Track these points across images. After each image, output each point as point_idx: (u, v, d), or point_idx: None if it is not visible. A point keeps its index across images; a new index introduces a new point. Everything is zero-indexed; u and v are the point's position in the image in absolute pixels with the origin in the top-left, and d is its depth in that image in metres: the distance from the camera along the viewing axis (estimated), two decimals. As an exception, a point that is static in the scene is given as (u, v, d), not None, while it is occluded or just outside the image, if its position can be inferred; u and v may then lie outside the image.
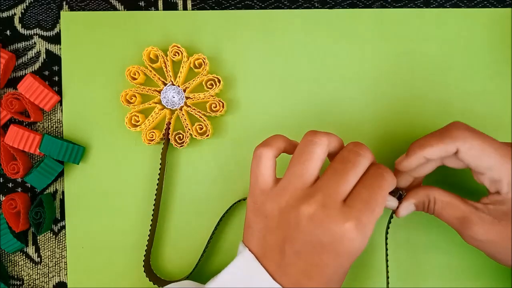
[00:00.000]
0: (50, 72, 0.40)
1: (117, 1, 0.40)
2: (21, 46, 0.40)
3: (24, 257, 0.39)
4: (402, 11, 0.39)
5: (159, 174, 0.37)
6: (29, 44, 0.40)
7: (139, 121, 0.38)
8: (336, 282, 0.29)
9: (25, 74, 0.40)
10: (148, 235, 0.37)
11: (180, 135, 0.38)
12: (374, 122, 0.39)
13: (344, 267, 0.29)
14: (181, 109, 0.38)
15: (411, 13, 0.39)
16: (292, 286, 0.28)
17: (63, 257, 0.39)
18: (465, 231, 0.31)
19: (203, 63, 0.37)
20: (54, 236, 0.39)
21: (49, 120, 0.40)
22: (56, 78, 0.40)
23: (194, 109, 0.38)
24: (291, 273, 0.29)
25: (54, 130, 0.40)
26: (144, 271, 0.37)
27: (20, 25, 0.40)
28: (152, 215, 0.37)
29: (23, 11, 0.40)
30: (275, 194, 0.30)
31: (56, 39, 0.40)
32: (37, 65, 0.40)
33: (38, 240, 0.39)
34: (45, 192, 0.39)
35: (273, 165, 0.31)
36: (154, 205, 0.37)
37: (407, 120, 0.39)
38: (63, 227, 0.39)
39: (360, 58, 0.39)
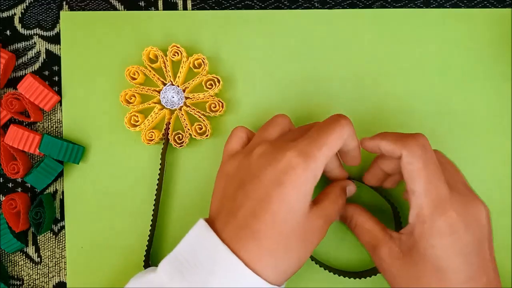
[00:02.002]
0: (50, 72, 0.40)
1: (117, 1, 0.40)
2: (21, 46, 0.40)
3: (24, 257, 0.39)
4: (402, 11, 0.39)
5: (158, 174, 0.37)
6: (29, 44, 0.40)
7: (138, 121, 0.38)
8: (282, 222, 0.28)
9: (25, 74, 0.40)
10: (148, 235, 0.37)
11: (180, 135, 0.38)
12: (374, 122, 0.39)
13: (290, 201, 0.28)
14: (180, 109, 0.38)
15: (411, 14, 0.39)
16: (240, 230, 0.28)
17: (63, 257, 0.39)
18: (372, 256, 0.32)
19: (202, 63, 0.37)
20: (54, 236, 0.39)
21: (49, 120, 0.40)
22: (56, 78, 0.40)
23: (193, 109, 0.38)
24: (240, 217, 0.28)
25: (54, 130, 0.40)
26: (143, 271, 0.37)
27: (20, 25, 0.40)
28: (152, 215, 0.37)
29: (23, 11, 0.40)
30: (237, 153, 0.32)
31: (56, 39, 0.40)
32: (37, 65, 0.40)
33: (38, 240, 0.39)
34: (45, 192, 0.39)
35: (243, 138, 0.33)
36: (154, 205, 0.37)
37: (406, 121, 0.38)
38: (63, 227, 0.39)
39: (360, 58, 0.39)
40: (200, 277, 0.28)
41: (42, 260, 0.39)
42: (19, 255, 0.39)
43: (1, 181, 0.40)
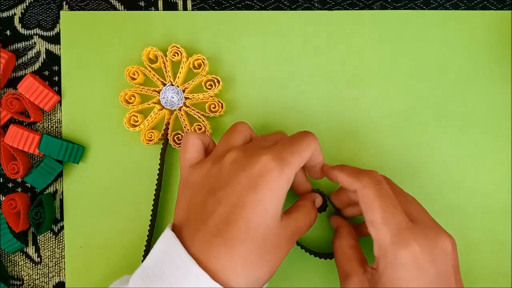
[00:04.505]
0: (50, 72, 0.40)
1: (117, 1, 0.40)
2: (21, 46, 0.40)
3: (24, 257, 0.39)
4: (402, 12, 0.39)
5: (158, 174, 0.37)
6: (29, 44, 0.40)
7: (138, 121, 0.38)
8: (256, 229, 0.27)
9: (25, 74, 0.40)
10: (147, 235, 0.37)
11: (179, 136, 0.38)
12: (373, 122, 0.38)
13: (264, 206, 0.28)
14: (180, 109, 0.38)
15: (411, 15, 0.39)
16: (211, 238, 0.27)
17: (63, 257, 0.39)
18: (341, 283, 0.32)
19: (202, 64, 0.37)
20: (54, 236, 0.39)
21: (49, 120, 0.40)
22: (56, 78, 0.40)
23: (193, 110, 0.38)
24: (211, 224, 0.28)
25: (54, 130, 0.40)
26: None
27: (20, 25, 0.40)
28: (151, 215, 0.37)
29: (23, 11, 0.40)
30: (202, 162, 0.31)
31: (56, 39, 0.40)
32: (37, 65, 0.40)
33: (38, 240, 0.39)
34: (45, 192, 0.39)
35: (200, 144, 0.33)
36: (153, 205, 0.37)
37: (406, 121, 0.38)
38: (63, 227, 0.39)
39: (359, 59, 0.39)
40: None
41: (42, 260, 0.39)
42: (19, 255, 0.39)
43: (1, 181, 0.40)
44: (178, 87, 0.38)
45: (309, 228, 0.32)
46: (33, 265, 0.39)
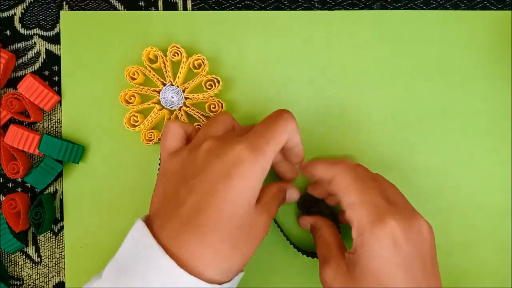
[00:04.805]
0: (50, 72, 0.40)
1: (117, 1, 0.40)
2: (21, 46, 0.40)
3: (24, 257, 0.39)
4: (402, 12, 0.39)
5: (157, 174, 0.37)
6: (29, 44, 0.40)
7: (138, 121, 0.38)
8: (228, 217, 0.27)
9: (25, 74, 0.40)
10: (148, 235, 0.37)
11: (180, 136, 0.38)
12: (372, 122, 0.38)
13: (236, 195, 0.27)
14: (180, 109, 0.38)
15: (411, 15, 0.39)
16: (182, 227, 0.27)
17: (63, 257, 0.39)
18: (320, 270, 0.31)
19: (202, 64, 0.37)
20: (54, 236, 0.39)
21: (49, 120, 0.40)
22: (56, 78, 0.40)
23: (193, 110, 0.38)
24: (182, 213, 0.27)
25: (54, 130, 0.40)
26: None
27: (20, 25, 0.40)
28: (152, 215, 0.37)
29: (23, 11, 0.40)
30: (179, 150, 0.31)
31: (56, 39, 0.40)
32: (37, 65, 0.40)
33: (38, 240, 0.39)
34: (45, 192, 0.39)
35: (180, 133, 0.32)
36: (153, 205, 0.37)
37: (406, 121, 0.38)
38: (63, 227, 0.39)
39: (360, 59, 0.39)
40: (138, 281, 0.26)
41: (42, 260, 0.39)
42: (19, 255, 0.39)
43: (1, 181, 0.40)
44: (178, 87, 0.38)
45: (278, 208, 0.32)
46: (33, 265, 0.39)
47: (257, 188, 0.28)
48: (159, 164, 0.33)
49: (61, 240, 0.39)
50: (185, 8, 0.40)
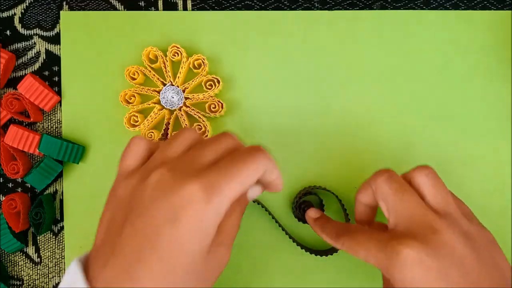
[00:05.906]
0: (50, 72, 0.40)
1: (117, 1, 0.40)
2: (21, 46, 0.40)
3: (24, 257, 0.39)
4: (402, 12, 0.39)
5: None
6: (29, 44, 0.40)
7: (138, 121, 0.38)
8: (173, 268, 0.24)
9: (25, 74, 0.40)
10: (148, 236, 0.37)
11: (180, 136, 0.38)
12: (373, 123, 0.38)
13: (183, 243, 0.24)
14: (180, 109, 0.38)
15: (411, 15, 0.39)
16: (118, 276, 0.23)
17: (63, 257, 0.39)
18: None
19: (202, 64, 0.37)
20: (54, 237, 0.39)
21: (49, 120, 0.40)
22: (56, 78, 0.40)
23: (193, 110, 0.38)
24: (122, 258, 0.24)
25: (54, 130, 0.40)
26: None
27: (20, 25, 0.40)
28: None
29: (23, 11, 0.40)
30: (133, 173, 0.27)
31: (56, 39, 0.40)
32: (37, 65, 0.40)
33: (38, 241, 0.39)
34: (45, 193, 0.39)
35: (141, 152, 0.28)
36: (153, 205, 0.37)
37: (406, 122, 0.38)
38: (63, 227, 0.39)
39: (359, 59, 0.39)
40: None
41: (42, 261, 0.39)
42: (19, 255, 0.39)
43: (1, 181, 0.40)
44: (178, 87, 0.38)
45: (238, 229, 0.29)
46: (33, 265, 0.39)
47: (210, 231, 0.24)
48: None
49: (61, 241, 0.39)
50: (185, 8, 0.40)
